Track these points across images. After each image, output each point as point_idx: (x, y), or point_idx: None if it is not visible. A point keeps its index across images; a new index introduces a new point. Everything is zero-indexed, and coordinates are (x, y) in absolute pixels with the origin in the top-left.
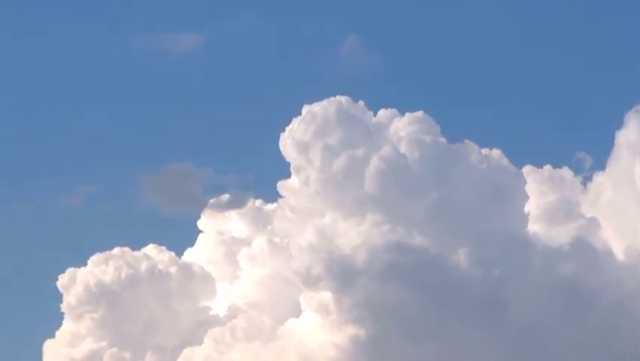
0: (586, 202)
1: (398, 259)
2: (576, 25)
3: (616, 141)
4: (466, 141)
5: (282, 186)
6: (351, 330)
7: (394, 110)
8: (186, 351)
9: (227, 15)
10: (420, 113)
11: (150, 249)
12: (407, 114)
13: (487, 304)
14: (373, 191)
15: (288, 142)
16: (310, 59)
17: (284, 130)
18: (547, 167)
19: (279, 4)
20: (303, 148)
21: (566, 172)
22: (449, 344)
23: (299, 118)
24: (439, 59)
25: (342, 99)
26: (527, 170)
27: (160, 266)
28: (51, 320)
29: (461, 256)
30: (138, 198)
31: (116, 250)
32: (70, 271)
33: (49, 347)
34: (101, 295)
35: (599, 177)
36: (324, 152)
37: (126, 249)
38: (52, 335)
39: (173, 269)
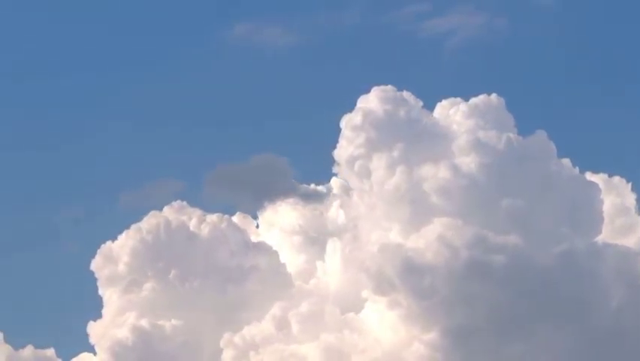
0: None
1: (478, 258)
2: None
3: None
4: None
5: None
6: (435, 328)
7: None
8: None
9: (332, 9)
10: (494, 97)
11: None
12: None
13: (573, 304)
14: (444, 199)
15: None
16: (413, 57)
17: None
18: (603, 175)
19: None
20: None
21: (619, 180)
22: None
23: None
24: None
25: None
26: None
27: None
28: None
29: (546, 257)
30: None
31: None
32: None
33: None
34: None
35: None
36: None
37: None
38: None
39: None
